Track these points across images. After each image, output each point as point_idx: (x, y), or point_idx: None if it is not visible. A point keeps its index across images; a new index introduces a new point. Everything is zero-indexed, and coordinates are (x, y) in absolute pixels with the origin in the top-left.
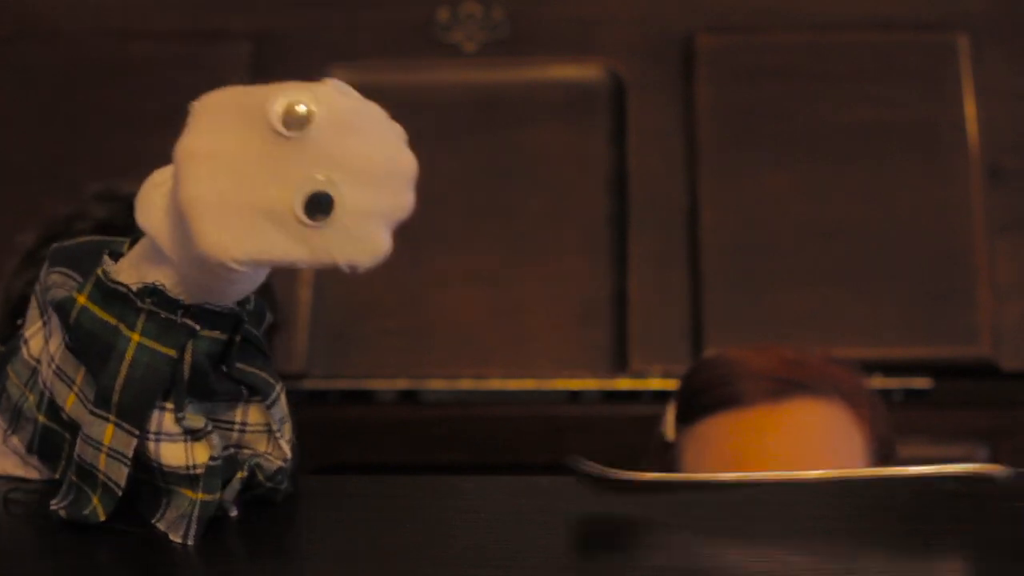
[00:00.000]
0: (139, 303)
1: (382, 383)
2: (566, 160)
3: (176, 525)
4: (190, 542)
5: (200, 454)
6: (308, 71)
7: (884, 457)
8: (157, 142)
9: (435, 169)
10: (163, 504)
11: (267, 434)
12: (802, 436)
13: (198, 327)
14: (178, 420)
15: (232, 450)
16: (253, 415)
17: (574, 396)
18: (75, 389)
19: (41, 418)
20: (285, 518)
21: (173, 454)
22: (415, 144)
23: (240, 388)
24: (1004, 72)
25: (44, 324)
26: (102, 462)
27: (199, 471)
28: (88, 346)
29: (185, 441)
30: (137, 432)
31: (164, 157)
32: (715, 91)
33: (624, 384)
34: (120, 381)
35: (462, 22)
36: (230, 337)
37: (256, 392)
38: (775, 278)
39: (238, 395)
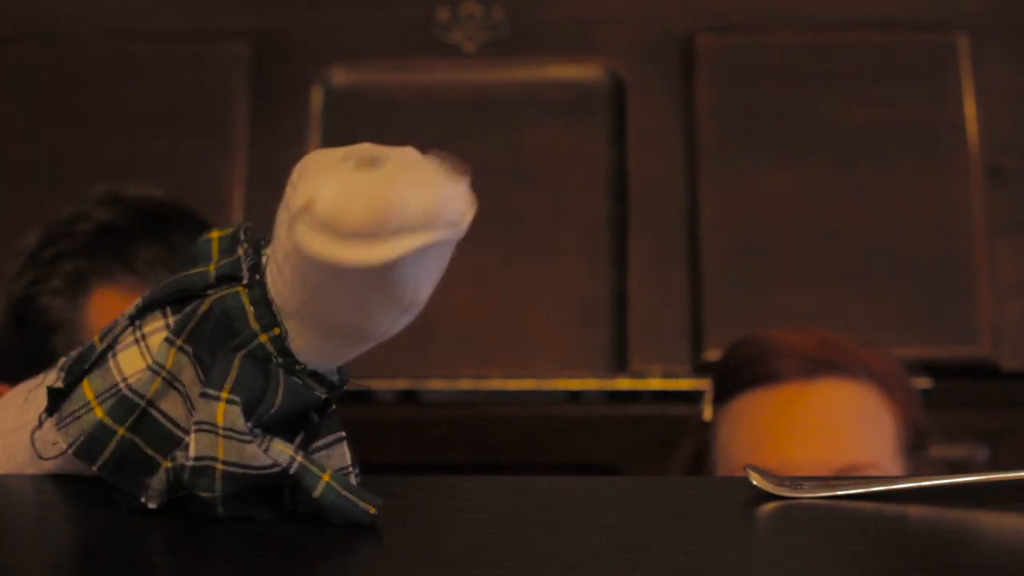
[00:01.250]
0: (238, 248)
1: (382, 383)
2: (566, 160)
3: (64, 420)
4: (70, 450)
5: (144, 386)
6: (308, 71)
7: (917, 447)
8: (157, 142)
9: None
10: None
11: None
12: (833, 414)
13: (246, 280)
14: (167, 341)
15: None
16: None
17: (574, 396)
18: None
19: (122, 431)
20: (285, 518)
21: (128, 360)
22: (415, 144)
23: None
24: (1004, 72)
25: (164, 318)
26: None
27: (124, 392)
28: (183, 265)
29: (149, 366)
30: (132, 313)
31: (164, 157)
32: (715, 91)
33: (624, 384)
34: (166, 282)
35: (462, 22)
36: (249, 324)
37: (207, 383)
38: (775, 278)
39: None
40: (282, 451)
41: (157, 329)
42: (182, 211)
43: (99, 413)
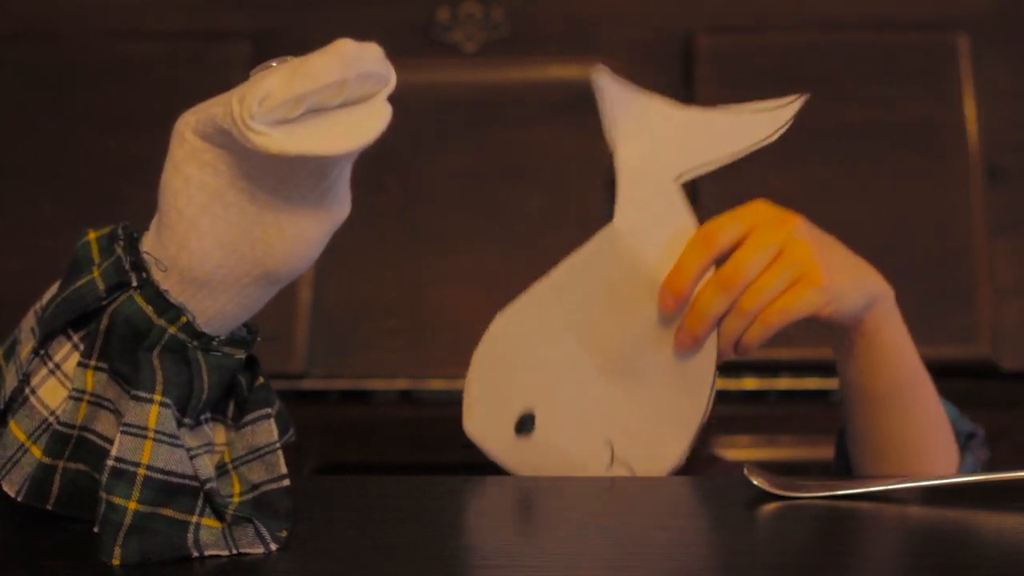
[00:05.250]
0: (115, 246)
1: (382, 383)
2: (566, 160)
3: (3, 468)
4: (18, 497)
5: (70, 414)
6: None
7: None
8: (157, 142)
9: (435, 169)
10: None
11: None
12: None
13: (135, 283)
14: (81, 365)
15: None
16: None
17: None
18: (32, 326)
19: (63, 464)
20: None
21: (51, 393)
22: (415, 144)
23: (136, 377)
24: (1004, 72)
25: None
26: (10, 377)
27: (55, 427)
28: (68, 272)
29: (70, 395)
30: (36, 346)
31: (164, 157)
32: (715, 91)
33: None
34: (57, 300)
35: (462, 22)
36: (154, 322)
37: (138, 386)
38: None
39: (132, 383)
40: (206, 466)
41: (67, 354)
42: None
43: (36, 453)
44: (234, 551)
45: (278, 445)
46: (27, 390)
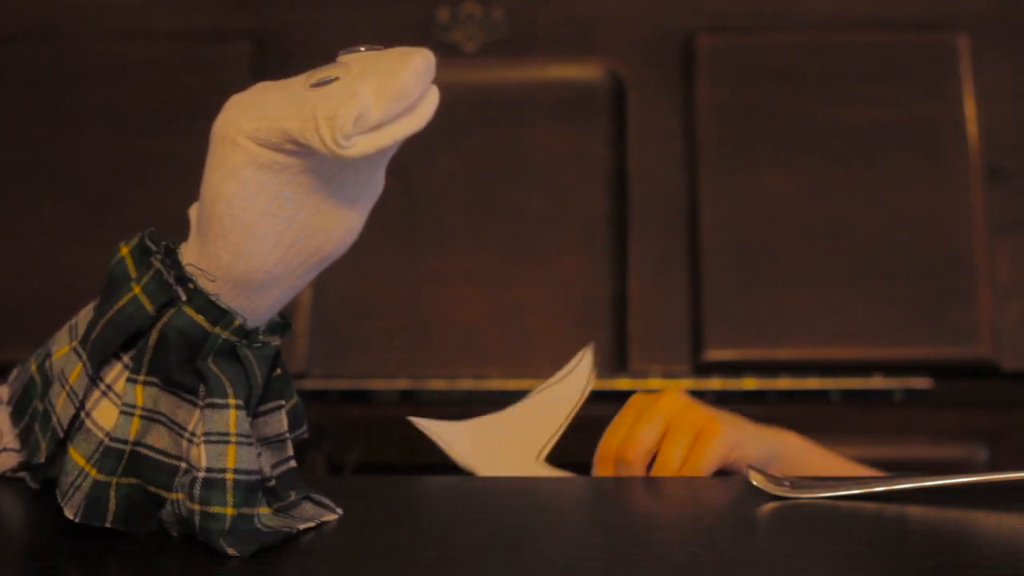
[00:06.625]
0: (153, 259)
1: (382, 383)
2: (566, 160)
3: (66, 494)
4: (76, 519)
5: (121, 430)
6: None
7: None
8: (157, 142)
9: (435, 169)
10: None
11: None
12: None
13: (184, 297)
14: (130, 381)
15: (163, 458)
16: (204, 426)
17: None
18: (73, 344)
19: (115, 480)
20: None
21: (105, 414)
22: (415, 144)
23: (197, 386)
24: (1004, 72)
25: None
26: (60, 402)
27: (107, 443)
28: (106, 290)
29: (121, 410)
30: (90, 372)
31: (164, 157)
32: (715, 91)
33: (624, 384)
34: (103, 322)
35: (462, 22)
36: (209, 331)
37: (210, 393)
38: (775, 278)
39: (193, 392)
40: (268, 460)
41: (117, 375)
42: None
43: (94, 474)
44: (299, 527)
45: (286, 436)
46: (82, 414)
